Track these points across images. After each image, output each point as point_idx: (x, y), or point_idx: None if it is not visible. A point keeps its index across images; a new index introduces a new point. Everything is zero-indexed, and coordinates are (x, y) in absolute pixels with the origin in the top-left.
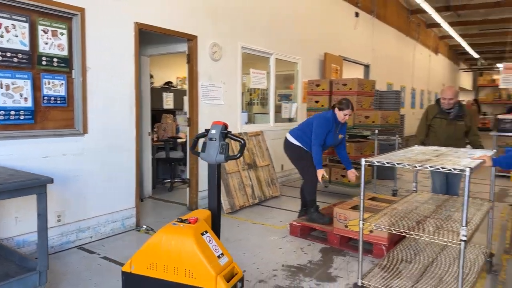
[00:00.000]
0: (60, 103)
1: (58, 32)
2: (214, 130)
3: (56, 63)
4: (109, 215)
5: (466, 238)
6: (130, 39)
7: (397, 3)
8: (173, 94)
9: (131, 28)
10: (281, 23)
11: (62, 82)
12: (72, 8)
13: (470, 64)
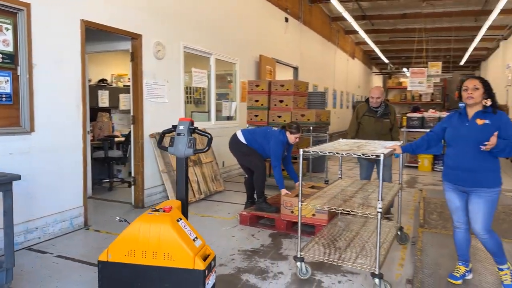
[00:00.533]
0: (5, 100)
1: (3, 27)
2: (182, 126)
3: (0, 59)
4: (58, 214)
5: (381, 210)
6: (77, 36)
7: (320, 11)
8: (108, 92)
9: (77, 25)
10: (221, 25)
11: (7, 78)
12: (17, 3)
13: (381, 68)
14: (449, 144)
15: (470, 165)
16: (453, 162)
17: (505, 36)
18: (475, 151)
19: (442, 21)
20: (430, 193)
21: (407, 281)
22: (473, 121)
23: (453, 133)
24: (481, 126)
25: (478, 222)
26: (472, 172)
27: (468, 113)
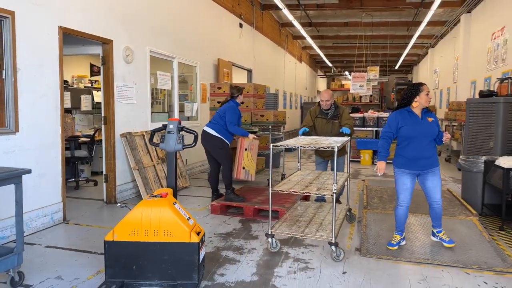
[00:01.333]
0: None
1: None
2: (172, 125)
3: None
4: (40, 210)
5: (336, 191)
6: (55, 41)
7: (271, 17)
8: (70, 93)
9: (56, 32)
10: (183, 31)
11: None
12: (2, 11)
13: (325, 71)
14: (407, 138)
15: (428, 153)
16: (415, 153)
17: (433, 44)
18: (428, 142)
19: (379, 30)
20: (371, 183)
21: (356, 249)
22: (425, 119)
23: (412, 130)
24: (430, 122)
25: (437, 192)
26: (429, 158)
27: (416, 113)
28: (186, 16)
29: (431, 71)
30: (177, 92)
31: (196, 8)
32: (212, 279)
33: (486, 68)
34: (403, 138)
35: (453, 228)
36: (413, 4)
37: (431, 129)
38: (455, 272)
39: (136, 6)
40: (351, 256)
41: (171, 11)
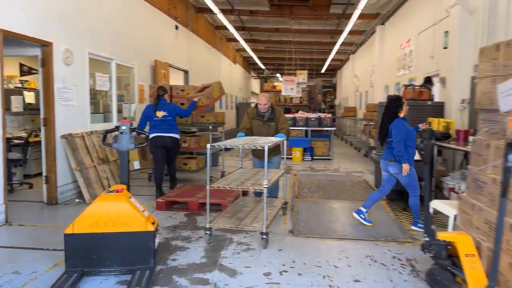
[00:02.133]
0: None
1: None
2: (124, 127)
3: None
4: None
5: (267, 186)
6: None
7: (205, 20)
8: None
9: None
10: (120, 33)
11: None
12: None
13: (258, 73)
14: (410, 143)
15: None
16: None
17: (353, 51)
18: None
19: (307, 36)
20: (302, 177)
21: (289, 232)
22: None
23: (413, 137)
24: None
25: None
26: None
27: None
28: (124, 18)
29: (352, 76)
30: (115, 93)
31: (133, 10)
32: (166, 264)
33: (396, 74)
34: (410, 143)
35: None
36: (335, 15)
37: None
38: (368, 244)
39: (75, 9)
40: (286, 237)
41: (109, 14)
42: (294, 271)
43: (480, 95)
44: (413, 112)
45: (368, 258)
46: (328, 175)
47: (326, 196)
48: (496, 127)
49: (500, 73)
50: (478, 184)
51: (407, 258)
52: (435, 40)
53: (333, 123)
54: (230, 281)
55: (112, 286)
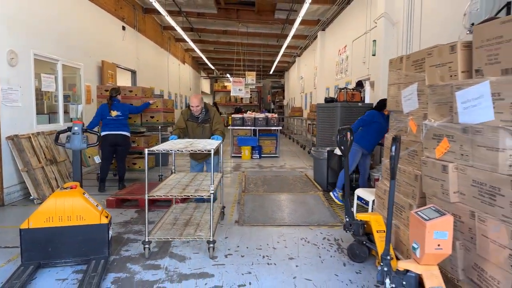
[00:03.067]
0: None
1: None
2: (77, 127)
3: None
4: None
5: (213, 192)
6: None
7: (153, 20)
8: None
9: None
10: (66, 34)
11: None
12: None
13: (208, 73)
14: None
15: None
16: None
17: (299, 54)
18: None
19: (254, 39)
20: (250, 173)
21: (235, 222)
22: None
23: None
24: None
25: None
26: None
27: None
28: (70, 19)
29: (298, 77)
30: (62, 93)
31: (79, 11)
32: (119, 254)
33: (335, 78)
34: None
35: (304, 200)
36: (280, 20)
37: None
38: (303, 229)
39: (20, 10)
40: (232, 227)
41: (55, 14)
42: (238, 254)
43: (390, 99)
44: (346, 112)
45: (303, 240)
46: (273, 171)
47: (270, 190)
48: (401, 125)
49: (402, 81)
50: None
51: (335, 238)
52: (366, 48)
53: (280, 123)
54: (180, 265)
55: (68, 275)
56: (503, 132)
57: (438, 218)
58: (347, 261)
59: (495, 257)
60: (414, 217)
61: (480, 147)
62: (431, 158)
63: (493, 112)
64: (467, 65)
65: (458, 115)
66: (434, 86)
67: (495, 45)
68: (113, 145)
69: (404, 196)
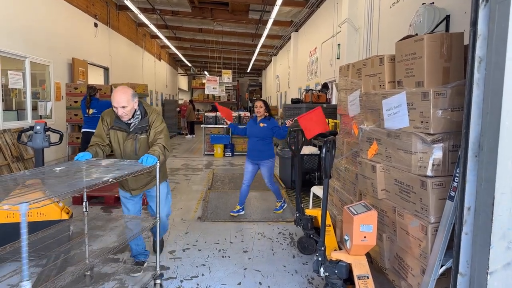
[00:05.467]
0: None
1: None
2: (39, 126)
3: None
4: None
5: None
6: None
7: (127, 17)
8: None
9: None
10: (35, 31)
11: None
12: None
13: (185, 69)
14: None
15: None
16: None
17: (275, 53)
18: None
19: (230, 37)
20: (219, 171)
21: (198, 218)
22: (258, 124)
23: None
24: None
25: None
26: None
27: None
28: (39, 16)
29: (274, 76)
30: (30, 90)
31: (48, 9)
32: (81, 249)
33: (307, 78)
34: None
35: (267, 197)
36: (253, 20)
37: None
38: (261, 224)
39: None
40: (194, 223)
41: (22, 11)
42: (196, 248)
43: (339, 103)
44: None
45: (259, 235)
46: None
47: (236, 187)
48: (347, 128)
49: (349, 87)
50: (337, 171)
51: (290, 233)
52: (333, 51)
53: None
54: None
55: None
56: (415, 137)
57: (364, 213)
58: (297, 253)
59: (410, 248)
60: (345, 211)
61: (400, 150)
62: (364, 159)
63: (408, 120)
64: (393, 76)
65: (384, 121)
66: (368, 94)
67: (411, 60)
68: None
69: (347, 193)
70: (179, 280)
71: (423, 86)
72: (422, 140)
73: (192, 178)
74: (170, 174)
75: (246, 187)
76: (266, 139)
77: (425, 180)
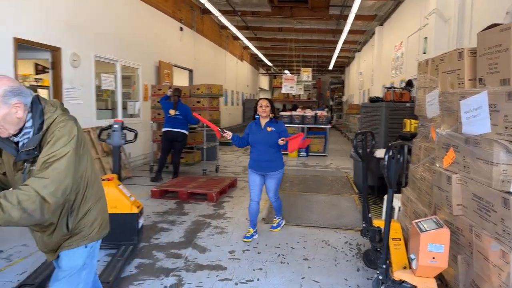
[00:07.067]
0: None
1: None
2: (116, 125)
3: None
4: None
5: None
6: (10, 51)
7: (211, 20)
8: None
9: (11, 42)
10: (126, 37)
11: None
12: None
13: (266, 69)
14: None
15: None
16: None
17: (359, 49)
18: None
19: (311, 35)
20: (290, 172)
21: (262, 219)
22: (265, 128)
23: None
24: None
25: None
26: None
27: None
28: (129, 22)
29: (357, 73)
30: (121, 91)
31: (138, 15)
32: (149, 242)
33: (391, 75)
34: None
35: (338, 203)
36: (334, 16)
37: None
38: (327, 231)
39: (82, 16)
40: (258, 224)
41: (114, 18)
42: (255, 250)
43: (417, 103)
44: (392, 113)
45: (323, 242)
46: (316, 171)
47: (305, 190)
48: (425, 131)
49: (427, 85)
50: (413, 180)
51: (358, 244)
52: (419, 45)
53: (338, 120)
54: (199, 256)
55: (102, 257)
56: (497, 145)
57: (434, 230)
58: (362, 266)
59: (489, 276)
60: (413, 227)
61: (479, 159)
62: (439, 167)
63: (489, 124)
64: (474, 73)
65: (462, 125)
66: (445, 93)
67: (495, 54)
68: (171, 141)
69: (422, 205)
70: (234, 283)
71: (508, 84)
72: (506, 149)
73: None
74: (242, 173)
75: (256, 204)
76: (275, 146)
77: (508, 198)
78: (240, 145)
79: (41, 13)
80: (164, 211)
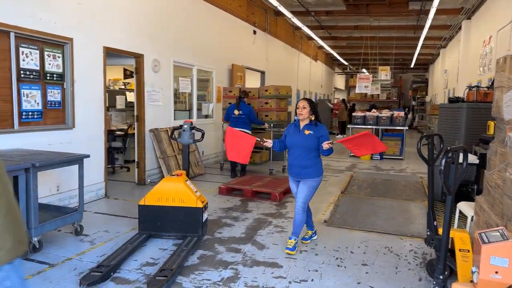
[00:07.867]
0: (57, 106)
1: (56, 55)
2: (186, 125)
3: (55, 78)
4: (88, 186)
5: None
6: (101, 58)
7: (284, 21)
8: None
9: (101, 51)
10: (201, 42)
11: (59, 91)
12: (65, 39)
13: (342, 68)
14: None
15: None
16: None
17: (444, 45)
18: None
19: (389, 32)
20: (360, 175)
21: (324, 221)
22: (302, 131)
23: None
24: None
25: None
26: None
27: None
28: (204, 29)
29: (442, 71)
30: (196, 94)
31: (213, 20)
32: (213, 235)
33: (478, 72)
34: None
35: (407, 209)
36: (414, 12)
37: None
38: (392, 238)
39: (161, 25)
40: (318, 226)
41: (191, 26)
42: (313, 252)
43: (494, 103)
44: (474, 115)
45: (386, 249)
46: (388, 175)
47: (372, 194)
48: (501, 134)
49: (505, 84)
50: (488, 188)
51: (424, 253)
52: (511, 39)
53: (419, 122)
54: (257, 253)
55: (169, 246)
56: None
57: (497, 242)
58: (425, 276)
59: None
60: (476, 237)
61: None
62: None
63: None
64: None
65: None
66: None
67: None
68: None
69: (495, 215)
70: (288, 281)
71: None
72: None
73: (330, 180)
74: None
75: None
76: (313, 151)
77: None
78: (279, 149)
79: (126, 23)
80: (229, 207)
